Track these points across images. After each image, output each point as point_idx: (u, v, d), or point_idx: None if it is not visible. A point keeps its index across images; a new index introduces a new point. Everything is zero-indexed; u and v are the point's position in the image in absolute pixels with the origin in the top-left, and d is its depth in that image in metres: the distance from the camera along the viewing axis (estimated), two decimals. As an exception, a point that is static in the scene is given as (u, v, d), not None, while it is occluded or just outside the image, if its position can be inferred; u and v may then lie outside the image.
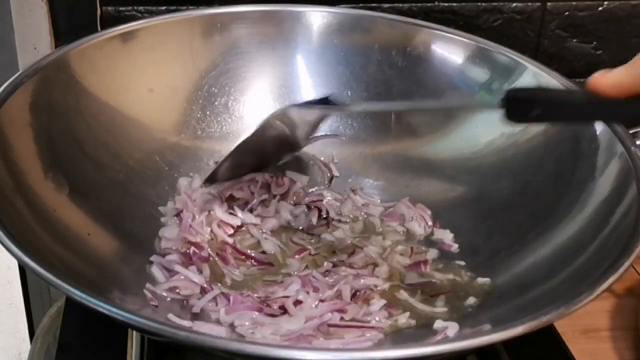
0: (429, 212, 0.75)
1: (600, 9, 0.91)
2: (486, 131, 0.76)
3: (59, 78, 0.69)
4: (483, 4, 0.89)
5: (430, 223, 0.74)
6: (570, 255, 0.61)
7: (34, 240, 0.56)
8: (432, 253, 0.71)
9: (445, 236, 0.73)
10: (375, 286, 0.66)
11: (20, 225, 0.56)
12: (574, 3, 0.90)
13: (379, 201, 0.77)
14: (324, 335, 0.60)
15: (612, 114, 0.55)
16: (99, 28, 0.82)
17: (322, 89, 0.81)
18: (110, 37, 0.74)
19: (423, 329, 0.63)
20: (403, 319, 0.63)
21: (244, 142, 0.69)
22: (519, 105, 0.55)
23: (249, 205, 0.72)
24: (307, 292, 0.64)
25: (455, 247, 0.72)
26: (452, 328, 0.61)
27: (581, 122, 0.68)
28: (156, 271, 0.65)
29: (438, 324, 0.62)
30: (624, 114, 0.54)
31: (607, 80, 0.51)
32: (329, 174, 0.79)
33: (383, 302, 0.64)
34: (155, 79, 0.76)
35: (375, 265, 0.69)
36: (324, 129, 0.80)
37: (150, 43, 0.76)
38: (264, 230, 0.72)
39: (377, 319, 0.63)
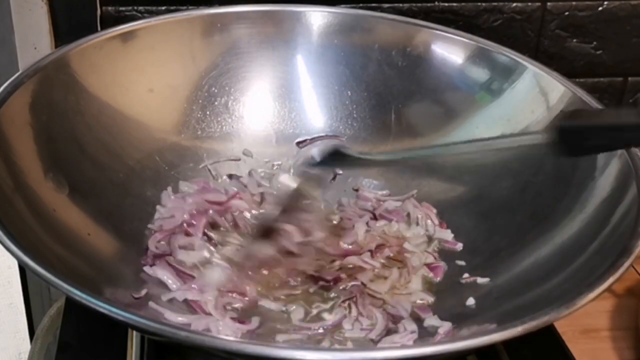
0: (435, 210, 0.75)
1: (600, 9, 0.91)
2: (486, 131, 0.76)
3: (59, 78, 0.69)
4: (483, 4, 0.89)
5: (437, 222, 0.74)
6: (570, 255, 0.61)
7: (34, 240, 0.56)
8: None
9: (446, 236, 0.73)
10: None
11: (20, 225, 0.56)
12: (574, 3, 0.90)
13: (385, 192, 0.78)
14: None
15: None
16: (99, 28, 0.82)
17: (322, 89, 0.81)
18: (110, 37, 0.74)
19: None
20: None
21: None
22: (572, 138, 0.49)
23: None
24: None
25: (459, 246, 0.72)
26: (445, 327, 0.62)
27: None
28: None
29: (430, 321, 0.63)
30: None
31: None
32: (331, 173, 0.79)
33: None
34: (155, 79, 0.76)
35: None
36: (324, 129, 0.80)
37: (150, 43, 0.76)
38: None
39: None
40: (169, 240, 0.68)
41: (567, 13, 0.91)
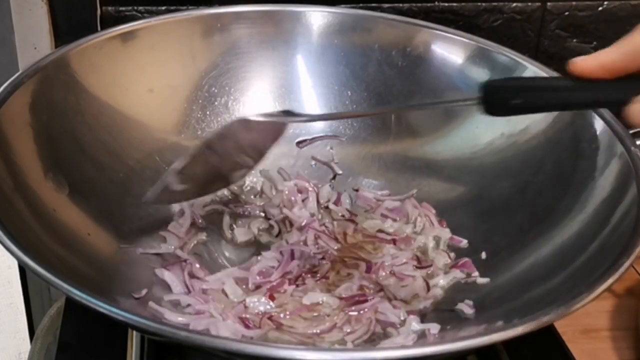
0: (434, 211, 0.75)
1: (600, 9, 0.91)
2: (486, 131, 0.76)
3: (59, 78, 0.69)
4: (483, 4, 0.89)
5: (435, 223, 0.74)
6: (570, 255, 0.61)
7: (34, 240, 0.56)
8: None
9: (444, 235, 0.73)
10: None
11: (20, 225, 0.56)
12: (574, 3, 0.90)
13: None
14: None
15: (600, 97, 0.50)
16: (99, 28, 0.82)
17: (322, 89, 0.81)
18: (110, 37, 0.74)
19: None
20: None
21: (195, 155, 0.63)
22: (498, 96, 0.51)
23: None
24: None
25: (464, 243, 0.72)
26: (434, 328, 0.62)
27: (567, 109, 0.64)
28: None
29: (415, 326, 0.62)
30: (612, 96, 0.49)
31: (594, 61, 0.47)
32: (331, 173, 0.79)
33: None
34: (155, 79, 0.76)
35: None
36: (324, 129, 0.80)
37: (150, 43, 0.76)
38: None
39: None
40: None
41: (567, 13, 0.91)
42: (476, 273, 0.68)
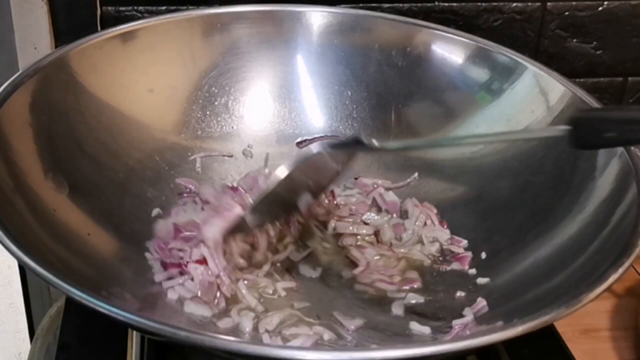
0: (435, 210, 0.75)
1: (600, 9, 0.91)
2: (486, 131, 0.76)
3: (59, 78, 0.69)
4: (483, 4, 0.89)
5: (436, 222, 0.74)
6: (570, 255, 0.61)
7: (34, 240, 0.56)
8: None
9: (443, 236, 0.73)
10: None
11: (20, 225, 0.56)
12: (574, 3, 0.90)
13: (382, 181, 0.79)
14: None
15: None
16: (99, 28, 0.82)
17: (322, 89, 0.81)
18: (110, 37, 0.74)
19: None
20: None
21: (275, 188, 0.64)
22: (590, 128, 0.49)
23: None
24: None
25: (464, 243, 0.72)
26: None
27: None
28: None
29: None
30: None
31: None
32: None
33: None
34: (155, 79, 0.76)
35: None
36: (324, 129, 0.80)
37: (150, 43, 0.76)
38: None
39: None
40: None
41: (567, 13, 0.91)
42: (473, 270, 0.69)
